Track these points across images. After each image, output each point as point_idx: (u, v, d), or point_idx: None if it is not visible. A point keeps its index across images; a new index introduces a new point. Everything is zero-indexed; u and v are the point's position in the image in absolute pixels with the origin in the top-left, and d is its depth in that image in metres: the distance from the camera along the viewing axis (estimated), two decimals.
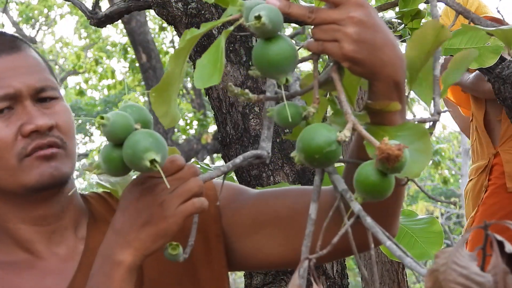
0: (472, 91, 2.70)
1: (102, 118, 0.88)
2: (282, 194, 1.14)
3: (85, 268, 1.07)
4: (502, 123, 2.67)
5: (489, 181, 2.67)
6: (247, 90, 0.86)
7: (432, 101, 0.87)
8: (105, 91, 15.50)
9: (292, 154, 0.81)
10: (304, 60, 0.91)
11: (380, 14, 1.99)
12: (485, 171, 2.70)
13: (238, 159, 0.91)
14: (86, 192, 1.21)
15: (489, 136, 2.73)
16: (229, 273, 1.15)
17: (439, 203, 17.40)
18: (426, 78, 0.90)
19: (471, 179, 2.77)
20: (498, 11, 2.33)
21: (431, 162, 11.89)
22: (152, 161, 0.88)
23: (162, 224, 0.93)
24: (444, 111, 0.87)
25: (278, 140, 1.81)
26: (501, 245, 0.68)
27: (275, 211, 1.11)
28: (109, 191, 1.20)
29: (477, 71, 2.61)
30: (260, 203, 1.12)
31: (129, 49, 10.65)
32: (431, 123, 0.86)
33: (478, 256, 0.69)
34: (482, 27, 1.12)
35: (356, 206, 0.76)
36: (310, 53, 0.89)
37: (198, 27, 1.94)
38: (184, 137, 11.05)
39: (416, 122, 0.84)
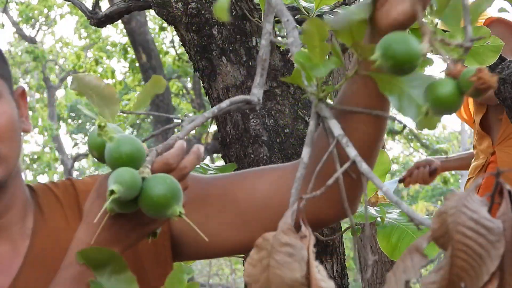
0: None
1: (113, 192, 0.84)
2: (239, 177, 1.14)
3: (30, 264, 1.07)
4: (503, 123, 2.67)
5: (483, 179, 2.67)
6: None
7: (464, 30, 0.86)
8: None
9: (373, 57, 0.79)
10: None
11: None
12: (482, 170, 2.70)
13: (224, 103, 0.89)
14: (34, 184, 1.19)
15: (489, 135, 2.74)
16: (229, 272, 1.15)
17: (439, 202, 17.39)
18: (455, 7, 0.89)
19: (469, 178, 2.78)
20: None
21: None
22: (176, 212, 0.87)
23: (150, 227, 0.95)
24: (477, 39, 0.87)
25: (278, 140, 1.81)
26: (510, 194, 0.69)
27: (229, 194, 1.10)
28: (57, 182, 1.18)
29: None
30: (215, 188, 1.12)
31: (129, 49, 10.65)
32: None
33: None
34: None
35: (352, 152, 0.77)
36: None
37: (198, 27, 1.95)
38: None
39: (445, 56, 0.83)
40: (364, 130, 0.99)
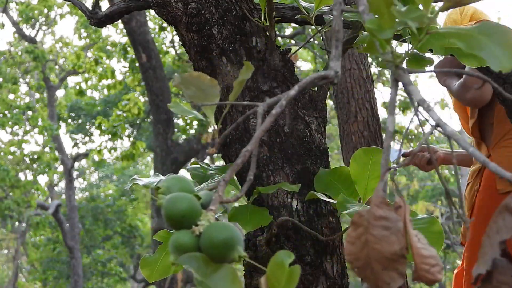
0: (456, 97, 2.70)
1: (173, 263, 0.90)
2: None
3: None
4: (494, 126, 2.67)
5: (480, 183, 2.67)
6: None
7: None
8: (105, 91, 15.50)
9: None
10: None
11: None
12: (479, 174, 2.70)
13: (303, 82, 0.87)
14: None
15: (483, 140, 2.73)
16: None
17: (439, 202, 17.39)
18: None
19: (468, 183, 2.77)
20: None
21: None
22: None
23: None
24: None
25: (278, 140, 1.81)
26: None
27: None
28: None
29: (462, 79, 2.61)
30: None
31: (129, 49, 10.64)
32: None
33: None
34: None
35: (435, 115, 0.76)
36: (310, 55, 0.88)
37: (198, 27, 1.94)
38: (184, 137, 11.04)
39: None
40: None
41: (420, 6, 0.89)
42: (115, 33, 14.96)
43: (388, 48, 0.84)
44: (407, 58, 0.86)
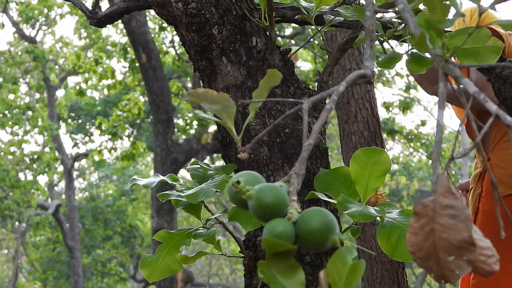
0: (421, 84, 2.70)
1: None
2: None
3: None
4: (492, 129, 2.66)
5: (482, 188, 2.66)
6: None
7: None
8: (105, 91, 15.50)
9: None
10: None
11: (380, 14, 1.99)
12: (480, 178, 2.69)
13: (349, 78, 0.88)
14: None
15: (482, 143, 2.70)
16: (229, 272, 1.15)
17: None
18: None
19: (470, 188, 2.76)
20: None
21: (430, 162, 11.86)
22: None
23: None
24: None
25: (278, 140, 1.81)
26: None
27: None
28: None
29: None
30: None
31: (129, 49, 10.64)
32: None
33: None
34: None
35: (493, 106, 0.76)
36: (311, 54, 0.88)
37: (198, 27, 1.94)
38: (184, 137, 11.04)
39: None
40: None
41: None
42: (115, 33, 14.96)
43: (439, 43, 0.84)
44: (455, 51, 0.86)
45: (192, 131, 10.96)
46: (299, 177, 0.88)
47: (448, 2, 0.86)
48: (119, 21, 6.07)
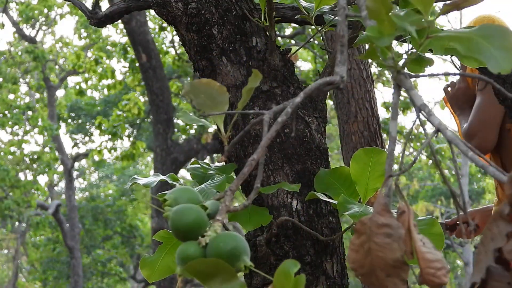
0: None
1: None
2: None
3: None
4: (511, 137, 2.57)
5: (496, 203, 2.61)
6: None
7: None
8: (105, 91, 15.50)
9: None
10: None
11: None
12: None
13: (308, 89, 0.88)
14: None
15: (497, 151, 2.61)
16: None
17: (439, 202, 17.39)
18: None
19: (495, 199, 2.71)
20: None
21: (430, 161, 11.88)
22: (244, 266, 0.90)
23: None
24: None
25: (278, 140, 1.81)
26: None
27: None
28: None
29: (466, 127, 2.54)
30: None
31: (129, 49, 10.64)
32: None
33: None
34: None
35: (436, 120, 0.77)
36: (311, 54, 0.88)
37: (198, 27, 1.94)
38: (184, 137, 11.04)
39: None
40: None
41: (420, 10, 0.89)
42: (115, 33, 14.96)
43: (389, 54, 0.85)
44: (407, 61, 0.86)
45: (192, 131, 10.96)
46: (252, 192, 0.88)
47: (396, 11, 0.87)
48: (119, 21, 6.07)
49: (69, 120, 18.50)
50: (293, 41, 10.18)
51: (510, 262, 0.71)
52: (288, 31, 10.97)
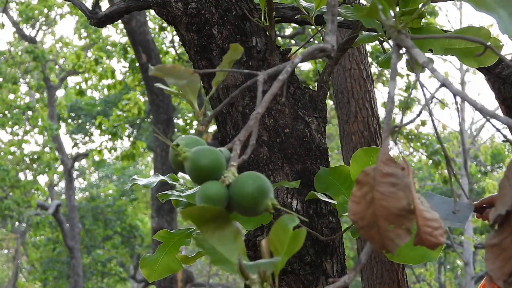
0: None
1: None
2: None
3: None
4: None
5: None
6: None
7: None
8: (105, 91, 15.50)
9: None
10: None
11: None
12: None
13: (305, 51, 0.87)
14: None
15: None
16: (229, 273, 1.14)
17: None
18: None
19: None
20: None
21: (430, 161, 11.87)
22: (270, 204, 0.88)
23: None
24: None
25: (278, 140, 1.81)
26: None
27: None
28: None
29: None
30: None
31: (129, 49, 10.64)
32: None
33: None
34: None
35: (440, 76, 0.76)
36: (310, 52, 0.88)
37: (198, 27, 1.94)
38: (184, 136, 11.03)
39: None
40: None
41: None
42: (115, 33, 14.96)
43: (390, 12, 0.84)
44: (409, 21, 0.85)
45: (192, 131, 10.95)
46: (249, 148, 0.88)
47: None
48: (119, 21, 6.07)
49: (69, 120, 18.50)
50: (293, 41, 10.17)
51: None
52: (288, 31, 10.96)
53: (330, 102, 10.17)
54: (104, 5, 11.02)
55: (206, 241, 0.84)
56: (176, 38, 11.33)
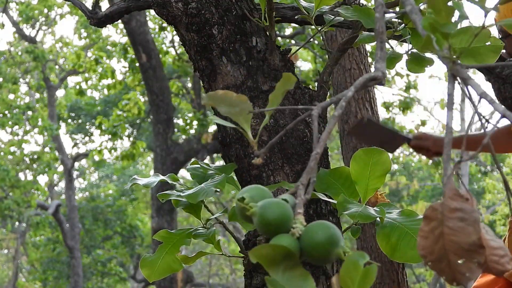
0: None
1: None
2: None
3: None
4: None
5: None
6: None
7: None
8: (105, 91, 15.50)
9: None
10: None
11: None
12: None
13: (358, 83, 0.89)
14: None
15: None
16: (229, 272, 1.14)
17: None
18: None
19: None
20: None
21: (430, 162, 11.87)
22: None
23: None
24: None
25: (278, 140, 1.81)
26: None
27: None
28: None
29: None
30: None
31: (129, 48, 10.64)
32: None
33: None
34: None
35: (500, 107, 0.77)
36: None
37: (199, 27, 1.94)
38: (184, 137, 11.04)
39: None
40: None
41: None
42: (115, 33, 14.95)
43: (445, 44, 0.85)
44: (462, 52, 0.86)
45: (192, 131, 10.95)
46: (310, 186, 0.88)
47: (451, 4, 0.86)
48: (119, 21, 6.07)
49: (69, 120, 18.50)
50: (293, 41, 10.18)
51: None
52: (288, 31, 10.96)
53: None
54: (104, 5, 11.02)
55: (277, 282, 0.85)
56: (176, 38, 11.32)
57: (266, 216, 0.89)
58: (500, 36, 2.45)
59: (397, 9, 1.80)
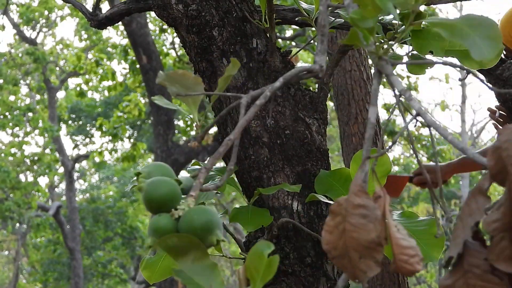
0: None
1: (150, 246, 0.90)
2: None
3: None
4: None
5: None
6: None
7: None
8: (106, 93, 15.51)
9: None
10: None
11: (380, 15, 2.00)
12: None
13: (288, 74, 0.87)
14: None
15: None
16: (229, 274, 1.15)
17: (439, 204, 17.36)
18: None
19: None
20: None
21: (430, 163, 11.88)
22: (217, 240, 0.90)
23: None
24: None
25: (278, 141, 1.81)
26: None
27: None
28: None
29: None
30: None
31: (129, 50, 10.64)
32: None
33: None
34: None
35: (416, 105, 0.77)
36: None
37: (199, 29, 1.95)
38: (184, 138, 11.04)
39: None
40: None
41: None
42: (115, 35, 14.97)
43: (371, 39, 0.85)
44: (389, 47, 0.87)
45: (193, 133, 10.96)
46: (226, 174, 0.88)
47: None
48: (120, 23, 6.08)
49: (70, 122, 18.51)
50: (293, 43, 10.18)
51: (486, 238, 0.71)
52: (289, 33, 10.97)
53: (330, 104, 10.17)
54: (105, 7, 11.02)
55: (185, 273, 0.85)
56: (177, 40, 11.33)
57: (150, 193, 0.90)
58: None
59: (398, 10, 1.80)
